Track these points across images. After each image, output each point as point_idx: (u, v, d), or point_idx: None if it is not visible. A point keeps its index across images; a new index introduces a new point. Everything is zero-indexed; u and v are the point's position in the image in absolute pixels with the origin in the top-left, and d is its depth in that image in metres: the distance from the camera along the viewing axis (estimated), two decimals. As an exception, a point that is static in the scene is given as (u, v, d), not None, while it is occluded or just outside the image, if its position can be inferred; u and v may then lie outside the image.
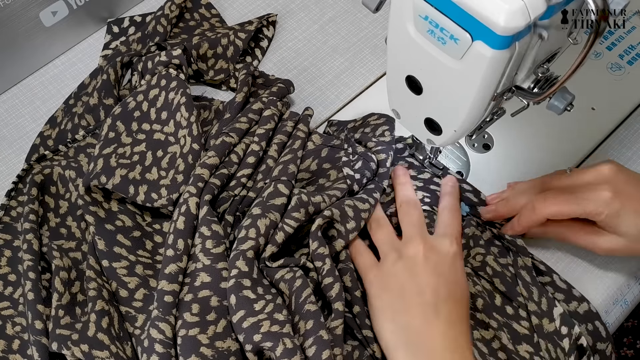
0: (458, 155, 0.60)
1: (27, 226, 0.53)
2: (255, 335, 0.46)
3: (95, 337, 0.47)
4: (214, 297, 0.49)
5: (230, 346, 0.47)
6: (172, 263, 0.49)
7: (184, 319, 0.48)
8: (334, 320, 0.47)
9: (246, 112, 0.59)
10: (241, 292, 0.47)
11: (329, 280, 0.48)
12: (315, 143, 0.58)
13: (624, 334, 1.10)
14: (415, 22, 0.40)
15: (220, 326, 0.48)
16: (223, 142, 0.56)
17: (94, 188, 0.55)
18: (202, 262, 0.50)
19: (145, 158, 0.57)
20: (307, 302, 0.47)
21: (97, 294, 0.49)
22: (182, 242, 0.50)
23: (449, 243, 0.50)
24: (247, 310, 0.47)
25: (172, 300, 0.48)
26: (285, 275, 0.49)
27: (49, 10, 0.64)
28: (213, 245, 0.50)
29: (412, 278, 0.48)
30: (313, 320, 0.46)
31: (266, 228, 0.50)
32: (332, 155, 0.57)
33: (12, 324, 0.51)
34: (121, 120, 0.59)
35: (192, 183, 0.53)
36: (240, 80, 0.62)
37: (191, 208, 0.52)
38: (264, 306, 0.47)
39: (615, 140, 0.61)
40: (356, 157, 0.56)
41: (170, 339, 0.47)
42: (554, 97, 0.43)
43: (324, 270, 0.49)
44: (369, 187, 0.55)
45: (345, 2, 0.71)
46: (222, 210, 0.54)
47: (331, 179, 0.55)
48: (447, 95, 0.43)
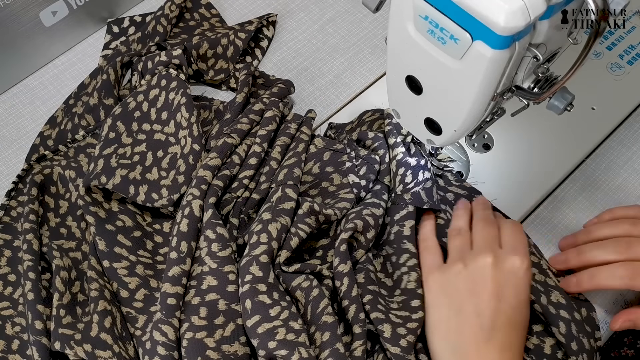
0: (458, 155, 0.60)
1: (27, 226, 0.53)
2: (270, 342, 0.45)
3: (98, 337, 0.47)
4: (221, 301, 0.49)
5: (237, 350, 0.47)
6: (175, 265, 0.49)
7: (191, 322, 0.47)
8: (354, 342, 0.46)
9: (247, 113, 0.59)
10: (257, 297, 0.47)
11: (345, 303, 0.48)
12: (318, 146, 0.58)
13: (625, 333, 1.10)
14: (415, 22, 0.40)
15: (229, 330, 0.48)
16: (225, 143, 0.56)
17: (94, 188, 0.55)
18: (209, 266, 0.50)
19: (146, 158, 0.57)
20: (325, 314, 0.47)
21: (99, 294, 0.49)
22: (185, 244, 0.50)
23: (517, 260, 0.46)
24: (263, 316, 0.47)
25: (175, 303, 0.48)
26: (303, 284, 0.49)
27: (49, 10, 0.64)
28: (219, 248, 0.50)
29: (473, 296, 0.46)
30: (330, 332, 0.46)
31: (278, 232, 0.50)
32: (334, 159, 0.57)
33: (12, 324, 0.51)
34: (121, 121, 0.59)
35: (195, 185, 0.53)
36: (240, 81, 0.62)
37: (195, 210, 0.51)
38: (279, 312, 0.47)
39: (615, 140, 0.61)
40: (360, 161, 0.55)
41: (173, 341, 0.47)
42: (554, 97, 0.43)
43: (341, 291, 0.48)
44: (375, 189, 0.55)
45: (345, 2, 0.71)
46: (225, 212, 0.54)
47: (334, 183, 0.55)
48: (447, 95, 0.43)
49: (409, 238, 0.52)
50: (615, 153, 0.61)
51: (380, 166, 0.55)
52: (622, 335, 0.66)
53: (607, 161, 0.60)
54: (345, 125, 0.62)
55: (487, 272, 0.46)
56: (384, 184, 0.55)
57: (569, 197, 0.58)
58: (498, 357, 0.44)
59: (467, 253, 0.48)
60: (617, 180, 0.59)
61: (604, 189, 0.59)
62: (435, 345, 0.47)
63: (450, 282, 0.47)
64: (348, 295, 0.48)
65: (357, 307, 0.47)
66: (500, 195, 0.57)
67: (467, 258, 0.48)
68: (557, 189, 0.59)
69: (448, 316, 0.46)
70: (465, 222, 0.52)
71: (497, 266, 0.46)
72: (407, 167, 0.54)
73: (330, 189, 0.55)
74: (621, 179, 0.59)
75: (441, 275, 0.48)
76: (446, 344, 0.46)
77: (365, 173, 0.55)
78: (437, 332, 0.47)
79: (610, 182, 0.59)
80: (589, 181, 0.59)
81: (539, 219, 0.57)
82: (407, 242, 0.51)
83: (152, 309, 0.50)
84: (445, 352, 0.46)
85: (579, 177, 0.59)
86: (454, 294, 0.47)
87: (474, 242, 0.49)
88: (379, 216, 0.52)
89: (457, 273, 0.47)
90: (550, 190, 0.59)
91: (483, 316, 0.45)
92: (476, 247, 0.48)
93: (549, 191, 0.58)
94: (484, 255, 0.47)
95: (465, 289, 0.46)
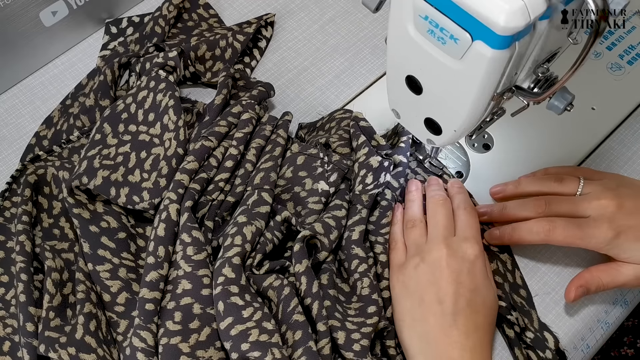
0: (458, 155, 0.60)
1: (20, 227, 0.53)
2: (243, 344, 0.45)
3: (82, 340, 0.47)
4: (196, 305, 0.49)
5: (212, 356, 0.47)
6: (153, 270, 0.49)
7: (166, 327, 0.47)
8: (320, 341, 0.46)
9: (225, 116, 0.58)
10: (229, 299, 0.47)
11: (307, 302, 0.48)
12: (293, 151, 0.58)
13: (624, 333, 1.10)
14: (415, 22, 0.40)
15: (204, 335, 0.48)
16: (202, 147, 0.55)
17: (76, 190, 0.54)
18: (184, 270, 0.49)
19: (129, 159, 0.56)
20: (296, 312, 0.47)
21: (85, 296, 0.49)
22: (162, 249, 0.50)
23: (469, 247, 0.49)
24: (236, 317, 0.46)
25: (153, 308, 0.48)
26: (274, 283, 0.49)
27: (49, 10, 0.64)
28: (194, 252, 0.50)
29: (432, 286, 0.48)
30: (302, 331, 0.46)
31: (252, 235, 0.50)
32: (308, 163, 0.56)
33: (4, 326, 0.51)
34: (108, 122, 0.58)
35: (172, 189, 0.53)
36: (219, 83, 0.61)
37: (172, 215, 0.51)
38: (252, 313, 0.47)
39: (615, 140, 0.61)
40: (331, 166, 0.55)
41: (152, 347, 0.47)
42: (554, 97, 0.43)
43: (302, 291, 0.48)
44: (341, 188, 0.55)
45: (345, 2, 0.71)
46: (200, 215, 0.53)
47: (306, 188, 0.55)
48: (447, 95, 0.43)
49: (356, 243, 0.52)
50: (615, 153, 0.61)
51: (387, 173, 0.55)
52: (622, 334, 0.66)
53: (607, 161, 0.60)
54: (316, 123, 0.62)
55: (442, 262, 0.48)
56: (348, 183, 0.55)
57: (569, 197, 0.58)
58: (464, 340, 0.46)
59: (423, 246, 0.51)
60: (617, 180, 0.59)
61: (604, 189, 0.59)
62: (404, 337, 0.48)
63: (411, 277, 0.49)
64: (309, 293, 0.48)
65: (319, 304, 0.47)
66: (500, 195, 0.57)
67: (423, 252, 0.50)
68: (557, 189, 0.59)
69: (412, 307, 0.48)
70: (419, 209, 0.54)
71: (451, 255, 0.49)
72: (369, 169, 0.54)
73: (302, 194, 0.55)
74: (621, 179, 0.59)
75: (403, 271, 0.50)
76: (413, 334, 0.48)
77: (336, 180, 0.55)
78: (403, 324, 0.49)
79: (610, 182, 0.59)
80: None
81: (539, 219, 0.57)
82: (356, 247, 0.52)
83: (134, 313, 0.49)
84: (414, 342, 0.48)
85: (579, 177, 0.59)
86: (416, 287, 0.49)
87: (428, 233, 0.52)
88: (341, 217, 0.52)
89: (416, 267, 0.49)
90: (550, 190, 0.58)
91: (444, 302, 0.47)
92: (430, 239, 0.51)
93: (549, 191, 0.58)
94: (437, 248, 0.49)
95: (425, 280, 0.49)
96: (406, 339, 0.48)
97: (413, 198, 0.55)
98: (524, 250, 0.55)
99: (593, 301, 0.53)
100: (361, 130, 0.56)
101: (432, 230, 0.52)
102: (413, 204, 0.55)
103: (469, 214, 0.52)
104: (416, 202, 0.55)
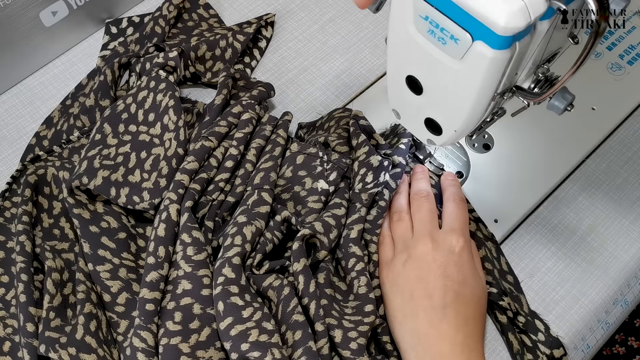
0: (458, 155, 0.60)
1: (20, 228, 0.53)
2: (242, 344, 0.45)
3: (82, 340, 0.47)
4: (196, 305, 0.49)
5: (212, 356, 0.47)
6: (153, 271, 0.49)
7: (166, 327, 0.47)
8: (319, 341, 0.46)
9: (225, 116, 0.58)
10: (229, 299, 0.47)
11: (305, 301, 0.48)
12: (292, 150, 0.58)
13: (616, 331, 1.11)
14: (415, 22, 0.40)
15: (204, 335, 0.48)
16: (202, 147, 0.55)
17: (76, 190, 0.54)
18: (184, 270, 0.49)
19: (129, 159, 0.56)
20: (295, 312, 0.47)
21: (85, 296, 0.49)
22: (163, 249, 0.50)
23: (455, 240, 0.50)
24: (235, 317, 0.46)
25: (153, 309, 0.48)
26: (274, 283, 0.49)
27: (49, 10, 0.64)
28: (194, 252, 0.50)
29: (421, 281, 0.48)
30: (301, 331, 0.46)
31: (252, 235, 0.50)
32: (308, 162, 0.56)
33: (4, 326, 0.51)
34: (108, 122, 0.58)
35: (173, 189, 0.53)
36: (219, 83, 0.61)
37: (172, 215, 0.51)
38: (252, 313, 0.47)
39: (615, 140, 0.61)
40: (330, 165, 0.55)
41: (153, 347, 0.47)
42: (554, 97, 0.43)
43: (299, 290, 0.48)
44: (340, 186, 0.55)
45: (345, 2, 0.71)
46: (200, 215, 0.53)
47: (306, 187, 0.55)
48: (447, 95, 0.43)
49: (354, 241, 0.52)
50: (615, 153, 0.61)
51: (386, 173, 0.55)
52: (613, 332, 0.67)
53: (607, 161, 0.60)
54: (315, 122, 0.62)
55: (429, 257, 0.49)
56: (347, 182, 0.55)
57: (569, 197, 0.58)
58: (454, 333, 0.46)
59: (409, 241, 0.51)
60: (617, 180, 0.59)
61: (604, 189, 0.59)
62: (397, 333, 0.49)
63: (400, 273, 0.50)
64: (306, 293, 0.48)
65: (317, 304, 0.47)
66: (500, 196, 0.57)
67: (410, 247, 0.50)
68: (557, 189, 0.59)
69: (402, 303, 0.49)
70: (405, 200, 0.55)
71: (436, 249, 0.49)
72: (369, 167, 0.54)
73: (302, 193, 0.55)
74: (621, 179, 0.59)
75: (391, 267, 0.51)
76: (405, 330, 0.48)
77: (335, 178, 0.55)
78: (395, 320, 0.49)
79: (610, 182, 0.59)
80: (589, 181, 0.59)
81: (539, 219, 0.57)
82: (354, 246, 0.52)
83: (134, 313, 0.49)
84: (406, 337, 0.48)
85: (579, 177, 0.59)
86: (405, 283, 0.49)
87: (414, 226, 0.52)
88: (340, 216, 0.52)
89: (404, 262, 0.50)
90: (550, 190, 0.59)
91: (433, 297, 0.47)
92: (416, 233, 0.51)
93: (549, 191, 0.59)
94: (423, 242, 0.50)
95: (413, 275, 0.49)
96: (398, 335, 0.48)
97: (400, 190, 0.56)
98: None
99: (593, 301, 0.53)
100: (361, 129, 0.56)
101: (417, 224, 0.52)
102: (400, 195, 0.55)
103: (457, 205, 0.53)
104: (403, 194, 0.55)
